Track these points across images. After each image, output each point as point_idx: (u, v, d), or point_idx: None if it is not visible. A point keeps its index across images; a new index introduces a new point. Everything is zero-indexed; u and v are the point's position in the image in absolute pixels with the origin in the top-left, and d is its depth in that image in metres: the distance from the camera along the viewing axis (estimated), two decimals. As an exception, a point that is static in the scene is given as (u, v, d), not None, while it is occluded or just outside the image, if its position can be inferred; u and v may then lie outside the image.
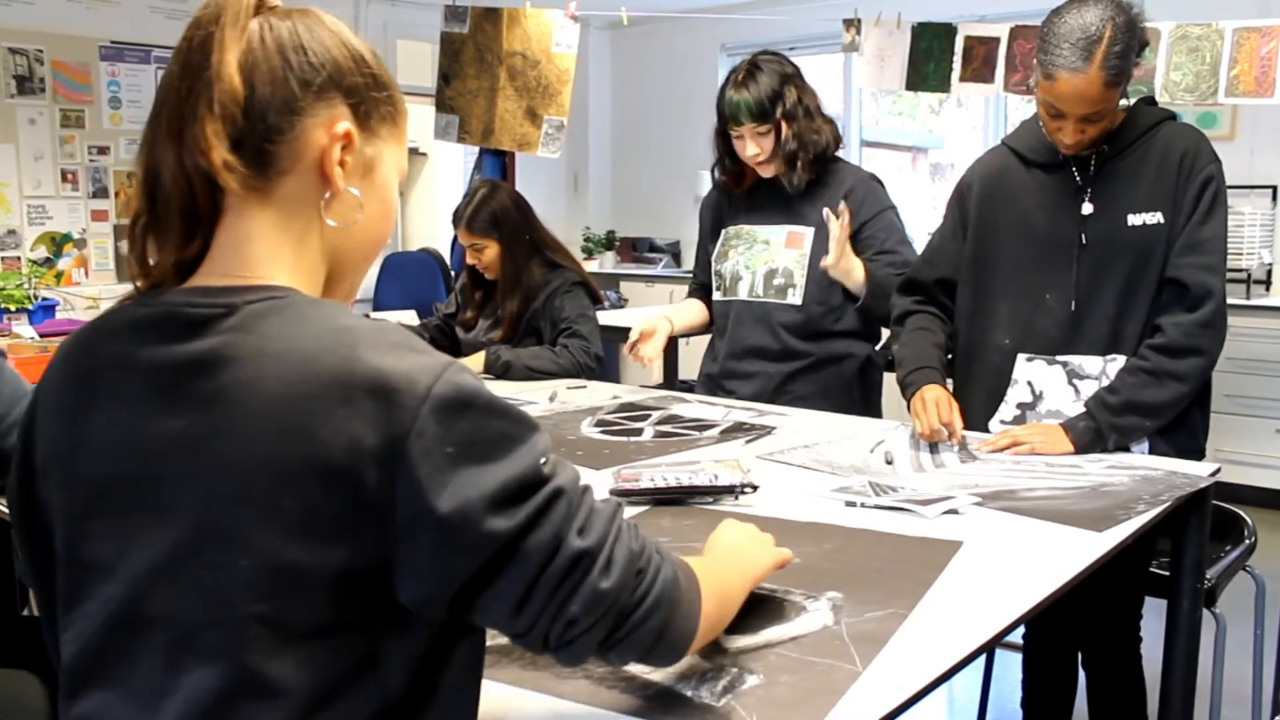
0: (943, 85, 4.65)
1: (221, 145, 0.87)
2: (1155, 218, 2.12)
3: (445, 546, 0.83)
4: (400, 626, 0.87)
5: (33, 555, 0.99)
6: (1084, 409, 2.12)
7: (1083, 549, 1.56)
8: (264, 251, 0.92)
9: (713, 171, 2.88)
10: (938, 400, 2.20)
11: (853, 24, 4.73)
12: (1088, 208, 2.16)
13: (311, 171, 0.93)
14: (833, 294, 2.68)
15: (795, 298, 2.71)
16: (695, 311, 2.98)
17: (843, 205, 2.56)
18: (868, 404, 2.81)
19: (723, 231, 2.85)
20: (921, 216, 6.82)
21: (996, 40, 4.49)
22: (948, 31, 4.60)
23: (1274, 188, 5.12)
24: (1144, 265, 2.13)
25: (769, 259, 2.73)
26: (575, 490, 0.90)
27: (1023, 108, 6.29)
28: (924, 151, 7.65)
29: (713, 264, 2.86)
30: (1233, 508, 2.46)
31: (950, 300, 2.39)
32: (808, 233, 2.70)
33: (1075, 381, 2.18)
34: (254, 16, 0.92)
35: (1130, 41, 2.03)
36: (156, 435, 0.86)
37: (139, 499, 0.86)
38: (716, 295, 2.86)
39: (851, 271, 2.58)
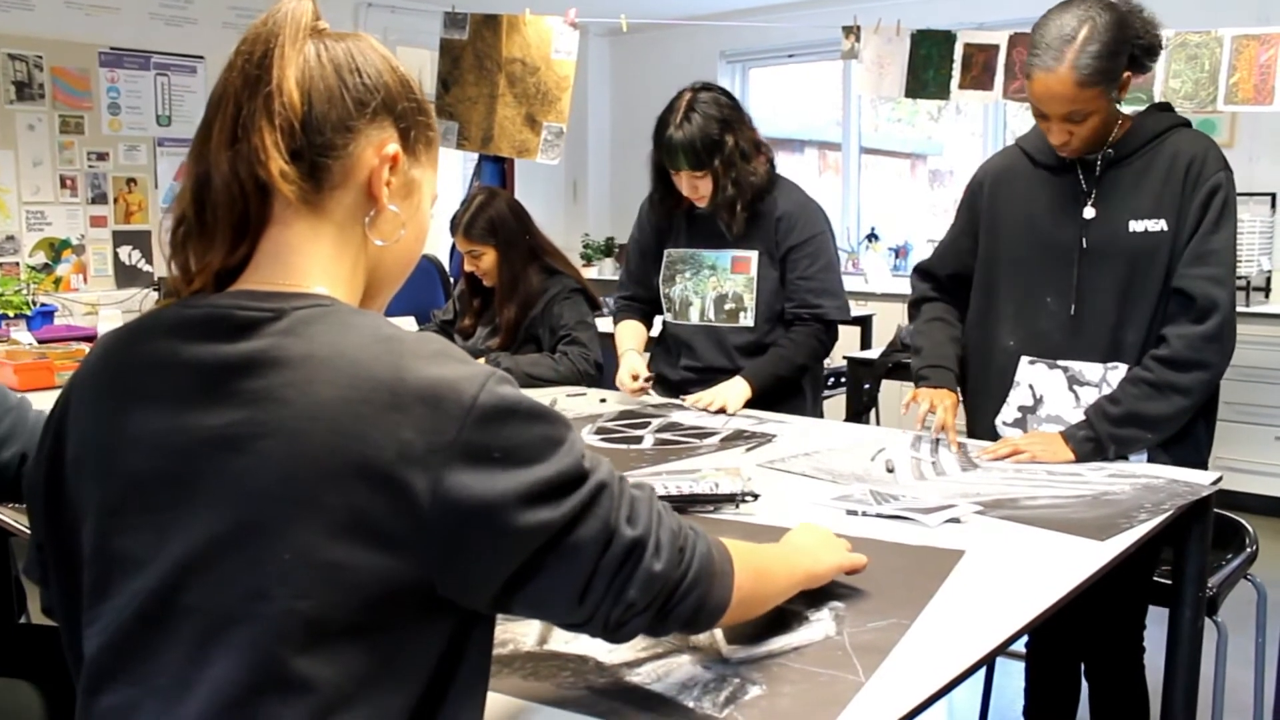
0: (942, 92, 4.65)
1: (280, 156, 0.91)
2: (1158, 225, 2.10)
3: (495, 540, 0.86)
4: (429, 626, 0.88)
5: (55, 550, 0.99)
6: (1084, 418, 2.11)
7: (1085, 558, 1.55)
8: (308, 262, 0.95)
9: (651, 198, 2.88)
10: (944, 409, 2.25)
11: (852, 31, 4.73)
12: (1089, 212, 2.16)
13: (359, 189, 0.97)
14: (779, 310, 2.76)
15: (748, 320, 2.78)
16: (644, 334, 2.98)
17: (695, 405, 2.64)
18: (815, 402, 2.89)
19: (666, 253, 2.87)
20: (920, 223, 6.82)
21: (995, 47, 4.50)
22: (947, 39, 4.61)
23: (1273, 195, 5.12)
24: (1144, 273, 2.11)
25: (717, 284, 2.79)
26: (614, 481, 0.94)
27: (1022, 114, 6.30)
28: (923, 158, 7.65)
29: (660, 286, 2.89)
30: (1234, 516, 2.45)
31: (964, 294, 2.40)
32: (753, 256, 2.76)
33: (1076, 388, 2.17)
34: (309, 38, 0.95)
35: (1114, 42, 2.01)
36: (199, 430, 0.87)
37: (177, 493, 0.87)
38: (667, 317, 2.90)
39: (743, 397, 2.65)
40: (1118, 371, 2.13)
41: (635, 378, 2.75)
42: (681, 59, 7.08)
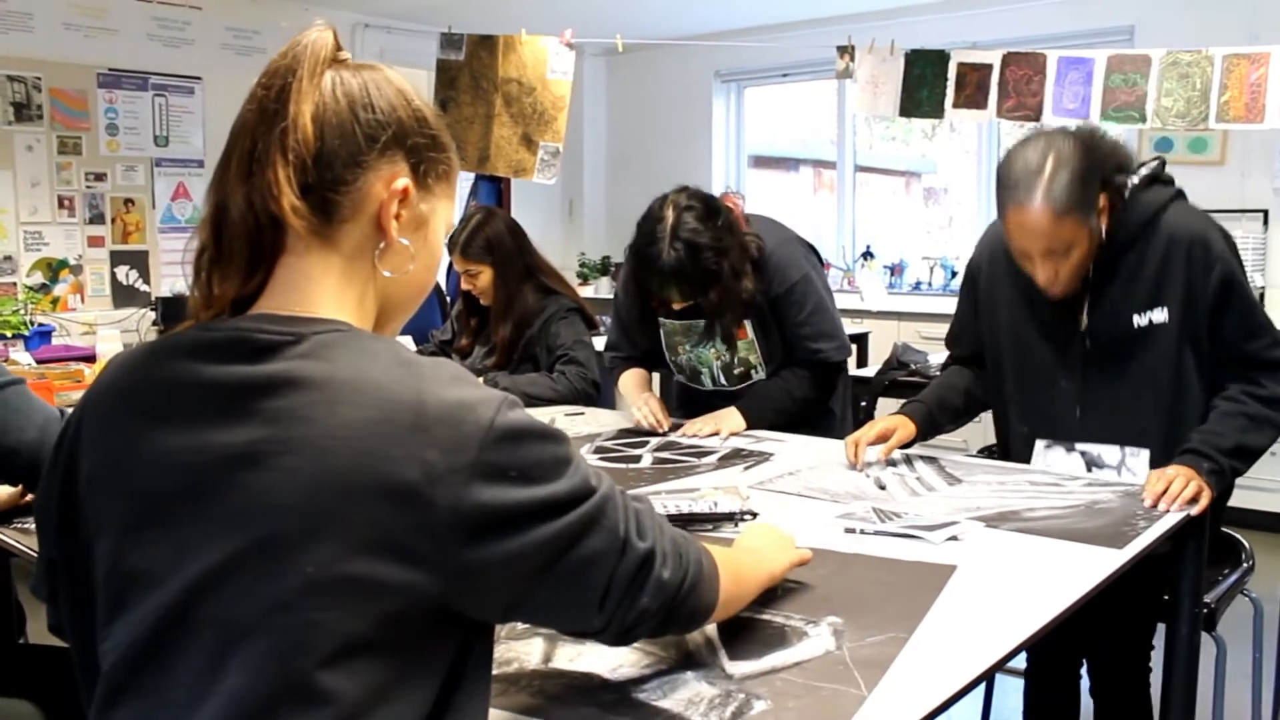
0: (936, 111, 4.68)
1: (291, 191, 0.93)
2: (1161, 315, 2.08)
3: (513, 554, 0.89)
4: (442, 638, 0.91)
5: (67, 568, 1.00)
6: (1194, 451, 2.02)
7: (1102, 565, 1.59)
8: (321, 291, 0.97)
9: (630, 314, 2.77)
10: (872, 427, 2.26)
11: (846, 51, 4.76)
12: (1085, 321, 2.14)
13: (369, 222, 0.99)
14: (786, 352, 2.69)
15: (761, 376, 2.72)
16: (647, 379, 2.88)
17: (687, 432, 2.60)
18: (845, 421, 2.86)
19: (661, 321, 2.75)
20: (915, 240, 6.85)
21: (989, 67, 4.53)
22: (941, 58, 4.63)
23: (1265, 212, 5.15)
24: (1154, 363, 2.10)
25: (720, 353, 2.70)
26: (618, 496, 0.99)
27: (1015, 133, 6.33)
28: (917, 176, 7.69)
29: (665, 353, 2.81)
30: (1230, 531, 2.47)
31: (984, 367, 2.40)
32: (746, 322, 2.65)
33: (1095, 470, 2.17)
34: (328, 69, 0.97)
35: (1083, 168, 1.96)
36: (220, 448, 0.89)
37: (196, 510, 0.89)
38: (680, 378, 2.85)
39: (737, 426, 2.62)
40: (1138, 458, 2.12)
41: (655, 409, 2.66)
42: (677, 78, 7.13)
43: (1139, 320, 2.10)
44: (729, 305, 2.51)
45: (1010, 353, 2.27)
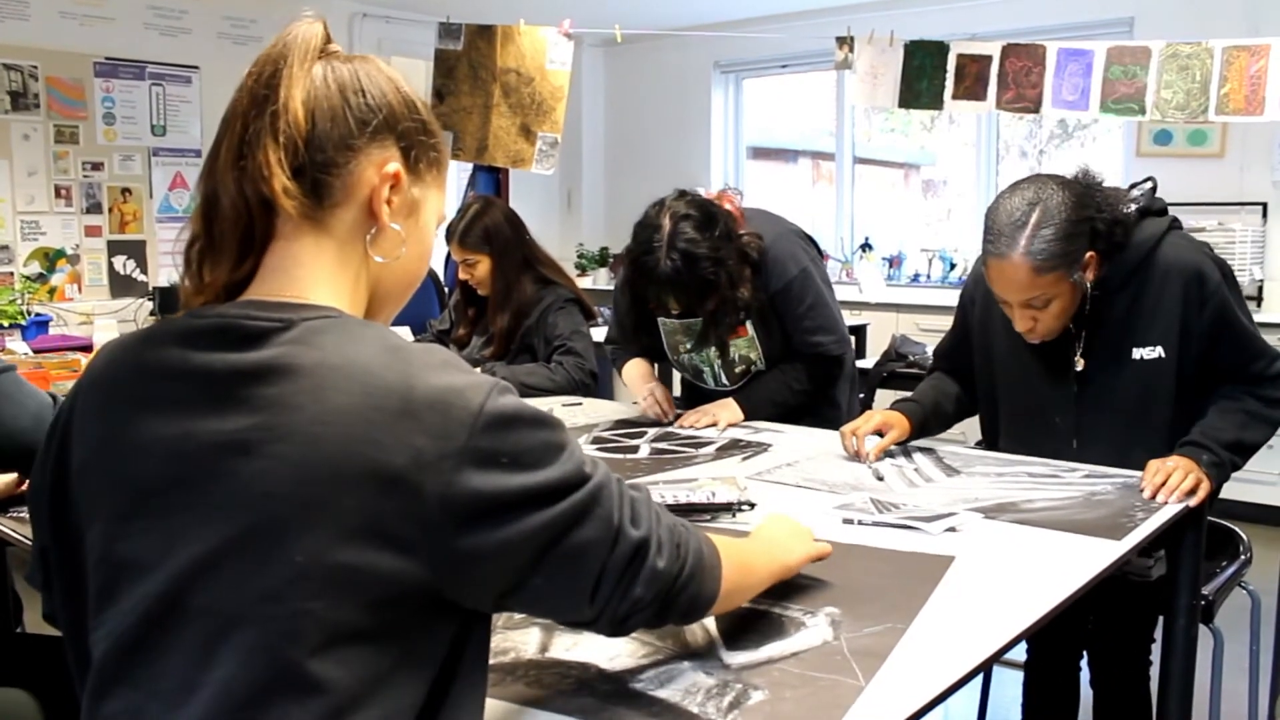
0: (935, 103, 4.66)
1: (282, 173, 0.93)
2: (1156, 351, 2.08)
3: (504, 542, 0.89)
4: (436, 626, 0.90)
5: (59, 556, 1.00)
6: (1195, 444, 2.01)
7: (1098, 557, 1.59)
8: (312, 276, 0.97)
9: (626, 324, 2.71)
10: (869, 418, 2.25)
11: (846, 42, 4.75)
12: (1079, 358, 2.13)
13: (361, 207, 0.99)
14: (787, 347, 2.67)
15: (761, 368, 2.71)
16: (650, 369, 2.85)
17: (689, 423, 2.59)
18: (852, 410, 2.82)
19: (660, 321, 2.71)
20: (914, 233, 6.84)
21: (989, 58, 4.52)
22: (940, 49, 4.62)
23: (1264, 205, 5.15)
24: (1150, 399, 2.10)
25: (720, 351, 2.68)
26: (613, 483, 0.98)
27: (1015, 125, 6.33)
28: (916, 168, 7.67)
29: (667, 353, 2.79)
30: (1227, 523, 2.47)
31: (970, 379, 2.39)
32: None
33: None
34: (318, 60, 0.98)
35: (1069, 223, 1.92)
36: (209, 436, 0.88)
37: (186, 498, 0.88)
38: (685, 375, 2.85)
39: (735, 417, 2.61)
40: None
41: (657, 398, 2.66)
42: (676, 69, 7.11)
43: (1134, 356, 2.09)
44: (726, 312, 2.49)
45: (1004, 387, 2.28)
